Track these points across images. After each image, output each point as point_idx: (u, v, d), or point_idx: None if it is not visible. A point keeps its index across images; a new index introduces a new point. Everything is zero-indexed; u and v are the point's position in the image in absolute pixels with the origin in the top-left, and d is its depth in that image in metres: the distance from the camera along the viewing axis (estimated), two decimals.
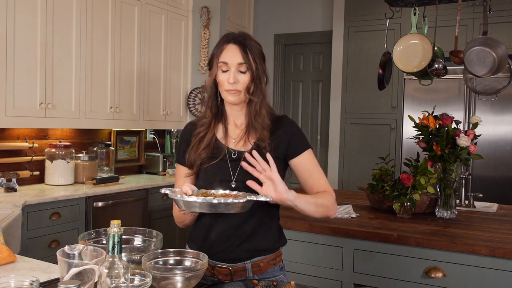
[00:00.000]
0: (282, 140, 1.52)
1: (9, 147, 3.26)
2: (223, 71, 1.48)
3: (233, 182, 1.48)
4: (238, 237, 1.49)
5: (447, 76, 2.88)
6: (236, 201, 1.29)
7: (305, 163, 1.54)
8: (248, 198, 1.31)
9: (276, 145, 1.50)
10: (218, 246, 1.50)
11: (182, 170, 1.57)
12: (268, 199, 1.32)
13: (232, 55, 1.46)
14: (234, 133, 1.55)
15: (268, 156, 1.38)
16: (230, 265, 1.49)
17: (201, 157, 1.50)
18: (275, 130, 1.53)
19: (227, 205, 1.29)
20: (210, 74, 1.53)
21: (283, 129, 1.54)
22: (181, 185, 1.53)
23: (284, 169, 1.55)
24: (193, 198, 1.29)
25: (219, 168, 1.49)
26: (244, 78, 1.47)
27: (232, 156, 1.50)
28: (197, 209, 1.31)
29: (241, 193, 1.41)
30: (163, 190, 1.37)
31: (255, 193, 1.38)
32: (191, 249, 1.52)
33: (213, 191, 1.43)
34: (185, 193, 1.37)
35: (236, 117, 1.56)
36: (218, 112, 1.56)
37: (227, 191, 1.42)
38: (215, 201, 1.27)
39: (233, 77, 1.45)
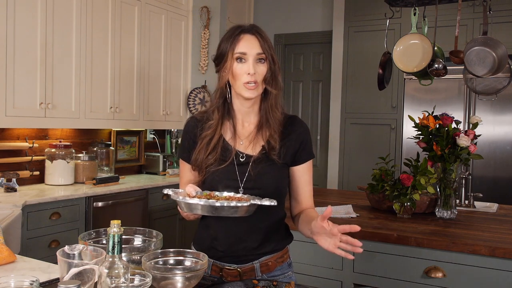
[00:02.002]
0: (293, 145, 1.48)
1: (9, 147, 3.26)
2: (240, 63, 1.41)
3: (241, 189, 1.43)
4: (246, 245, 1.46)
5: (447, 76, 2.88)
6: (240, 204, 1.24)
7: (304, 172, 1.51)
8: (252, 202, 1.27)
9: (286, 151, 1.47)
10: (225, 252, 1.47)
11: (186, 167, 1.53)
12: (272, 203, 1.27)
13: (250, 45, 1.40)
14: (242, 134, 1.49)
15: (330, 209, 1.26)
16: (239, 266, 1.47)
17: (208, 163, 1.45)
18: (287, 132, 1.48)
19: (230, 208, 1.24)
20: (224, 69, 1.44)
21: (295, 133, 1.49)
22: (185, 183, 1.49)
23: (288, 175, 1.52)
24: (195, 201, 1.25)
25: (226, 172, 1.44)
26: (263, 69, 1.41)
27: (240, 159, 1.45)
28: (199, 212, 1.27)
29: (245, 196, 1.36)
30: (165, 191, 1.33)
31: (261, 196, 1.35)
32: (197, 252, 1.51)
33: (217, 193, 1.39)
34: (188, 194, 1.33)
35: (246, 115, 1.50)
36: (225, 112, 1.49)
37: (232, 194, 1.38)
38: (217, 204, 1.23)
39: (252, 67, 1.39)
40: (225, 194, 1.39)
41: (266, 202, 1.27)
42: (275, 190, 1.45)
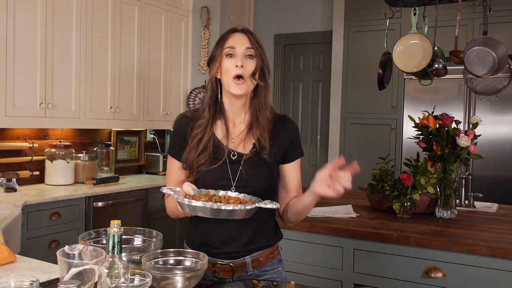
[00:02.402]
0: (283, 143, 1.51)
1: (9, 147, 3.26)
2: (229, 57, 1.44)
3: (233, 187, 1.45)
4: (238, 241, 1.49)
5: (447, 76, 2.88)
6: (249, 207, 1.25)
7: (293, 169, 1.54)
8: (257, 205, 1.28)
9: (276, 150, 1.49)
10: (218, 249, 1.50)
11: (175, 164, 1.54)
12: (275, 207, 1.29)
13: (239, 40, 1.44)
14: (233, 132, 1.51)
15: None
16: (231, 261, 1.49)
17: (199, 162, 1.46)
18: (277, 131, 1.51)
19: (233, 212, 1.25)
20: (214, 66, 1.47)
21: (285, 133, 1.52)
22: (174, 180, 1.52)
23: (278, 172, 1.55)
24: (200, 204, 1.25)
25: (218, 171, 1.46)
26: (252, 64, 1.44)
27: (232, 158, 1.47)
28: (200, 213, 1.28)
29: (241, 195, 1.38)
30: (164, 190, 1.33)
31: (252, 195, 1.36)
32: (190, 249, 1.53)
33: (213, 191, 1.39)
34: (187, 193, 1.34)
35: (236, 114, 1.52)
36: (216, 111, 1.51)
37: (229, 192, 1.40)
38: (223, 207, 1.24)
39: (241, 60, 1.42)
40: (222, 193, 1.39)
41: (269, 205, 1.28)
42: (266, 189, 1.47)
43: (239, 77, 1.42)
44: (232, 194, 1.39)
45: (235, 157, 1.48)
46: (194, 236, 1.56)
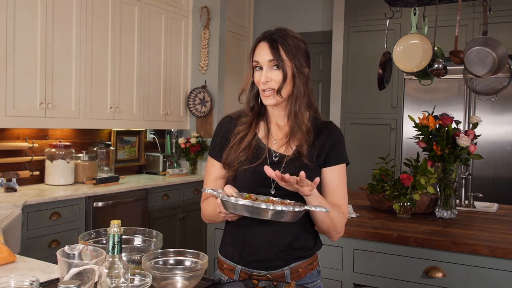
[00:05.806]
0: (325, 147, 1.46)
1: (9, 147, 3.26)
2: (257, 70, 1.44)
3: (273, 189, 1.41)
4: (276, 248, 1.43)
5: (447, 76, 2.88)
6: (297, 209, 1.21)
7: (333, 175, 1.47)
8: (306, 207, 1.24)
9: (318, 153, 1.45)
10: (255, 256, 1.44)
11: (215, 164, 1.51)
12: (324, 210, 1.24)
13: (262, 53, 1.42)
14: (276, 134, 1.49)
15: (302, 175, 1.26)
16: (269, 272, 1.43)
17: (239, 159, 1.44)
18: (319, 136, 1.47)
19: (281, 213, 1.20)
20: (247, 75, 1.48)
21: (328, 137, 1.48)
22: (213, 181, 1.50)
23: (321, 178, 1.48)
24: (247, 202, 1.20)
25: (258, 171, 1.40)
26: (278, 75, 1.41)
27: (273, 159, 1.44)
28: (245, 213, 1.24)
29: (286, 200, 1.34)
30: (207, 190, 1.29)
31: (297, 200, 1.33)
32: (224, 258, 1.49)
33: (254, 196, 1.35)
34: (229, 195, 1.30)
35: (278, 117, 1.50)
36: (260, 111, 1.50)
37: (271, 198, 1.36)
38: (271, 207, 1.19)
39: (264, 75, 1.40)
40: (263, 198, 1.35)
41: (318, 208, 1.24)
42: None
43: (265, 90, 1.42)
44: (274, 199, 1.35)
45: (277, 158, 1.44)
46: (229, 243, 1.50)
